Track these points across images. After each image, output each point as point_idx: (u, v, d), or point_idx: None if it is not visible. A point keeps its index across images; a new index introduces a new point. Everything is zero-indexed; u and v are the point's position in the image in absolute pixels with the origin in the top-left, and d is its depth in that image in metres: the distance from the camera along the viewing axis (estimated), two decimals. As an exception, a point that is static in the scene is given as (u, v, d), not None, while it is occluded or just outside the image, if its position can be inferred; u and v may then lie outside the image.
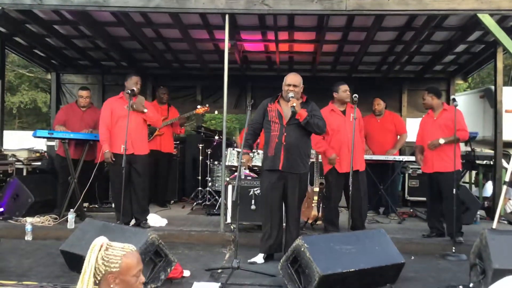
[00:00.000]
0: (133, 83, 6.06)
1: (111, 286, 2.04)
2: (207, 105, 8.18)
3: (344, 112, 5.87)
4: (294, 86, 4.92)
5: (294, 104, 4.78)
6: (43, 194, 6.75)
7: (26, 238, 5.65)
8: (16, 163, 7.66)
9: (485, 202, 7.81)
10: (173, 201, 8.39)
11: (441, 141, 5.69)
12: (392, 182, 7.45)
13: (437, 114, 5.90)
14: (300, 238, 3.99)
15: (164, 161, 7.95)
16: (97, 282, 2.05)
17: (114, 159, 5.90)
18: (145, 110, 6.05)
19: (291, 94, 4.86)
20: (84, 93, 6.96)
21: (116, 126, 6.01)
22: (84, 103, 6.92)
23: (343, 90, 5.84)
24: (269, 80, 9.25)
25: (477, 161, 7.92)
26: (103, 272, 2.03)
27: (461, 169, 6.10)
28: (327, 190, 5.98)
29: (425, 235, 5.94)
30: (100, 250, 2.04)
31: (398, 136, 7.71)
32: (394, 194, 7.76)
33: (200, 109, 7.98)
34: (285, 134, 4.91)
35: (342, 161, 5.72)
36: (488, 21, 5.68)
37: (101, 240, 2.07)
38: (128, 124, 5.74)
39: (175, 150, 8.40)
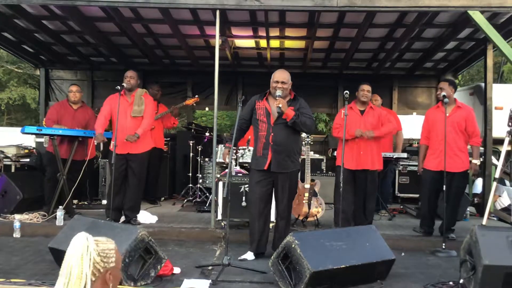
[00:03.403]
0: (124, 78, 6.05)
1: (110, 284, 1.80)
2: (196, 96, 8.19)
3: (362, 112, 5.87)
4: (282, 83, 4.81)
5: (280, 105, 4.70)
6: (32, 191, 6.69)
7: (14, 235, 5.59)
8: (5, 159, 7.56)
9: (475, 199, 7.85)
10: (163, 198, 8.35)
11: (476, 161, 5.57)
12: (383, 179, 7.45)
13: (450, 111, 5.54)
14: (291, 235, 3.98)
15: (155, 158, 7.86)
16: (91, 282, 1.75)
17: (106, 140, 6.03)
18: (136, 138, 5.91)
19: (278, 93, 4.76)
20: (74, 87, 6.88)
21: (115, 124, 5.95)
22: (74, 98, 6.80)
23: (361, 89, 5.86)
24: (260, 77, 9.20)
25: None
26: (102, 270, 1.76)
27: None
28: (335, 187, 5.98)
29: (416, 231, 5.93)
30: (88, 247, 1.75)
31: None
32: (385, 191, 7.77)
33: (190, 100, 8.05)
34: (272, 134, 4.83)
35: (347, 157, 5.62)
36: (478, 18, 5.70)
37: (85, 236, 1.78)
38: (124, 123, 5.79)
39: (165, 146, 8.36)
